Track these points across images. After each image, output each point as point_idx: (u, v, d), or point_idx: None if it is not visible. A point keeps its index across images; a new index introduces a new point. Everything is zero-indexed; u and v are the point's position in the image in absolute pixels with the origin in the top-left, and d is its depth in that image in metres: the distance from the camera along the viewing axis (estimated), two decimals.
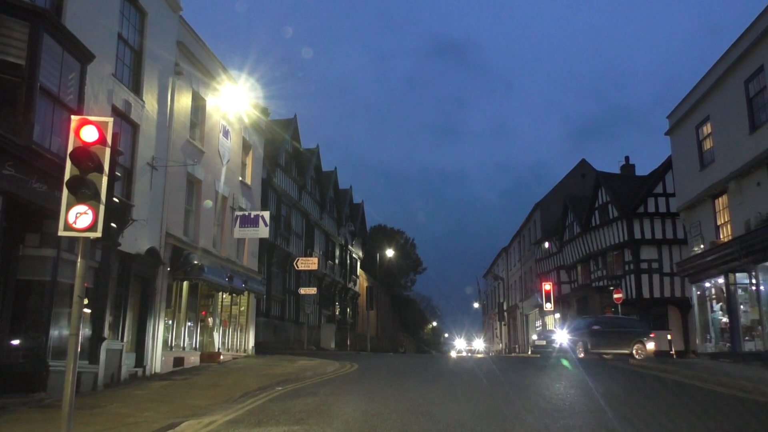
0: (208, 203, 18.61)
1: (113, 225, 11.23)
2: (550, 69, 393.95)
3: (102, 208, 6.76)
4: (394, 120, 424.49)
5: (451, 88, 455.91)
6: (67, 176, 6.73)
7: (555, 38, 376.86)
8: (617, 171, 39.67)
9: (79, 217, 6.71)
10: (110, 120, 7.14)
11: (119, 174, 11.91)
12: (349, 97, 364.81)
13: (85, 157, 6.74)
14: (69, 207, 6.71)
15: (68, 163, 6.76)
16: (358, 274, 49.18)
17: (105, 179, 6.87)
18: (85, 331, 11.73)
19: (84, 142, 6.81)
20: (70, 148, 6.77)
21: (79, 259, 6.83)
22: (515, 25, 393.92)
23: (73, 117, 7.07)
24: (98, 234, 6.73)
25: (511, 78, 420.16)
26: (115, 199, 9.79)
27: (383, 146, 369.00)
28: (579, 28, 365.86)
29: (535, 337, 30.31)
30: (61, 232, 6.74)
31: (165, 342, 15.83)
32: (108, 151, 6.97)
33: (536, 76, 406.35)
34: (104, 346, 12.16)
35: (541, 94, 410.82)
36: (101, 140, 6.90)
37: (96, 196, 6.76)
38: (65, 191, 6.72)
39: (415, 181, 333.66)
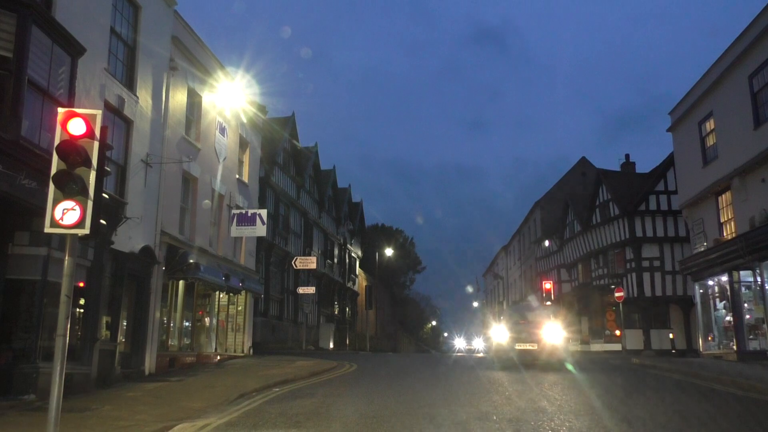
0: (207, 203, 18.35)
1: (103, 222, 10.96)
2: (588, 55, 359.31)
3: (90, 204, 6.51)
4: (422, 113, 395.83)
5: (487, 79, 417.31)
6: (53, 171, 6.48)
7: (597, 23, 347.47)
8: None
9: (66, 213, 6.45)
10: (98, 112, 6.86)
11: (109, 169, 11.63)
12: (377, 89, 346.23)
13: (72, 150, 6.49)
14: (56, 203, 6.46)
15: (55, 157, 6.51)
16: (357, 273, 48.91)
17: (93, 174, 6.61)
18: (77, 332, 11.48)
19: (71, 135, 6.55)
20: (56, 142, 6.52)
21: (66, 257, 6.57)
22: (557, 10, 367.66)
23: (59, 109, 6.80)
24: (86, 231, 6.48)
25: (554, 67, 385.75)
26: (105, 195, 9.55)
27: (403, 141, 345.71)
28: (624, 14, 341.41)
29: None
30: (47, 229, 6.49)
31: (160, 342, 15.58)
32: (96, 144, 6.70)
33: (574, 63, 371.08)
34: (97, 346, 11.91)
35: (576, 84, 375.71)
36: (89, 133, 6.63)
37: (84, 192, 6.50)
38: (51, 186, 6.46)
39: (430, 176, 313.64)
